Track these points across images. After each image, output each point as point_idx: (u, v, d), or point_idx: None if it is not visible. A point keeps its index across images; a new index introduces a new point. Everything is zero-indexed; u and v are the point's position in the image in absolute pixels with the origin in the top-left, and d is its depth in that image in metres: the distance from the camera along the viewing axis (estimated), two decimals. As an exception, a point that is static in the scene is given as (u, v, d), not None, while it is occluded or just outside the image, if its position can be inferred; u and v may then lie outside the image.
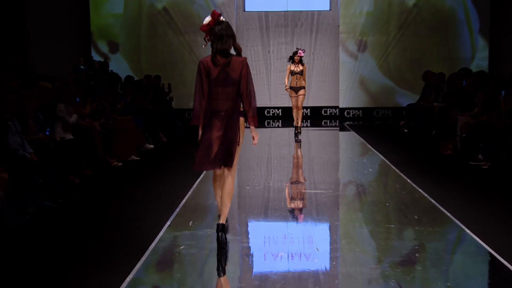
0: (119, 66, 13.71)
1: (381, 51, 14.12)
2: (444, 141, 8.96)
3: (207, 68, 4.23)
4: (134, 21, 14.20)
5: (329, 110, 14.78)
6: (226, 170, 4.29)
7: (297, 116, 10.36)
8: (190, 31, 14.20)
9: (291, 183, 6.89)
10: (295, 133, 10.38)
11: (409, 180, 6.61)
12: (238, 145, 4.29)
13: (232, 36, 4.26)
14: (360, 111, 14.44)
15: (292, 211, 5.60)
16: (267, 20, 14.45)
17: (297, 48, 10.23)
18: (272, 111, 14.84)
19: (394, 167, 7.49)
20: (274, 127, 13.61)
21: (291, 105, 10.72)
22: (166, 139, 10.30)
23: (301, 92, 10.31)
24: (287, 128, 12.55)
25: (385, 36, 14.07)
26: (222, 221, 4.25)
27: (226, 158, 4.26)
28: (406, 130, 11.62)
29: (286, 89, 10.37)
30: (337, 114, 14.61)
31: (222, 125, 4.23)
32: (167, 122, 10.82)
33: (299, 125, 10.38)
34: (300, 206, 5.84)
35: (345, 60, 14.19)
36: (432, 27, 13.93)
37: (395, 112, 14.10)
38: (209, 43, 4.32)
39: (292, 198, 6.13)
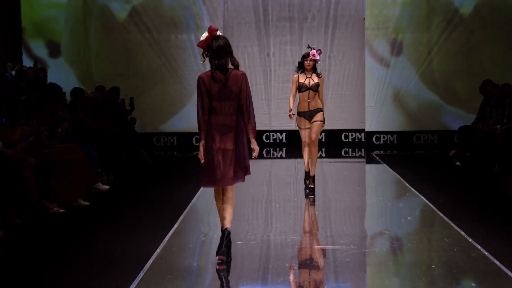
0: (62, 74, 13.80)
1: (423, 55, 14.26)
2: (511, 177, 8.98)
3: (207, 83, 5.66)
4: (83, 14, 14.35)
5: (352, 135, 14.84)
6: (227, 188, 5.81)
7: (310, 158, 8.92)
8: (160, 27, 14.35)
9: (299, 236, 6.85)
10: (305, 184, 9.05)
11: (462, 233, 6.59)
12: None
13: (230, 51, 5.70)
14: (394, 136, 14.49)
15: (300, 275, 5.56)
16: (266, 12, 14.62)
17: (308, 47, 8.82)
18: (273, 135, 14.88)
19: (442, 214, 7.47)
20: (276, 157, 13.60)
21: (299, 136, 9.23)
22: (128, 175, 10.26)
23: (317, 118, 8.76)
24: (293, 160, 12.55)
25: (428, 34, 14.24)
26: (227, 225, 5.78)
27: (235, 177, 5.77)
28: (458, 163, 11.64)
29: (290, 115, 8.66)
30: (363, 140, 14.65)
31: (224, 140, 5.70)
32: (128, 151, 10.82)
33: (312, 173, 8.96)
34: (312, 268, 5.80)
35: (373, 66, 14.31)
36: (493, 24, 14.09)
37: (442, 138, 14.16)
38: (207, 59, 5.69)
39: (301, 258, 6.09)
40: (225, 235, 5.74)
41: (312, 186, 8.88)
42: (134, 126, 12.23)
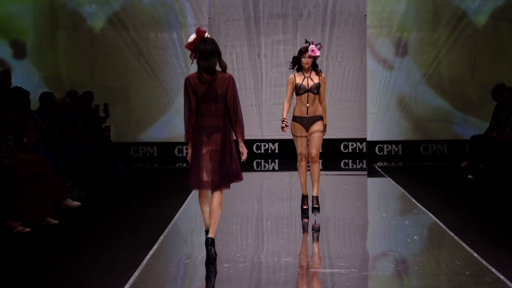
0: (28, 78, 13.75)
1: (431, 56, 14.32)
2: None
3: (194, 85, 6.26)
4: (51, 10, 14.31)
5: (352, 145, 14.86)
6: (215, 191, 6.36)
7: (311, 176, 8.29)
8: (138, 25, 14.34)
9: (294, 258, 6.82)
10: (302, 209, 8.48)
11: (475, 254, 6.58)
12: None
13: (217, 53, 6.27)
14: (399, 146, 14.52)
15: (295, 302, 5.53)
16: (256, 8, 14.65)
17: (306, 41, 8.23)
18: (265, 145, 14.88)
19: (452, 234, 7.47)
20: (268, 170, 13.60)
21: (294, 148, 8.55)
22: (102, 190, 10.22)
23: (316, 128, 8.27)
24: (287, 173, 12.53)
25: (436, 32, 14.29)
26: (211, 234, 6.28)
27: (220, 182, 6.31)
28: (470, 176, 11.66)
29: (283, 127, 8.25)
30: (364, 150, 14.67)
31: (211, 142, 6.29)
32: (102, 163, 10.77)
33: (315, 193, 8.26)
34: (309, 294, 5.75)
35: (376, 68, 14.35)
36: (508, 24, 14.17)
37: (453, 148, 14.20)
38: (195, 60, 6.29)
39: (296, 283, 6.05)
40: (209, 242, 6.25)
41: (317, 206, 8.20)
42: (109, 135, 12.20)
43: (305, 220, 8.26)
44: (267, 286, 5.82)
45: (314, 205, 8.22)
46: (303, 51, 8.15)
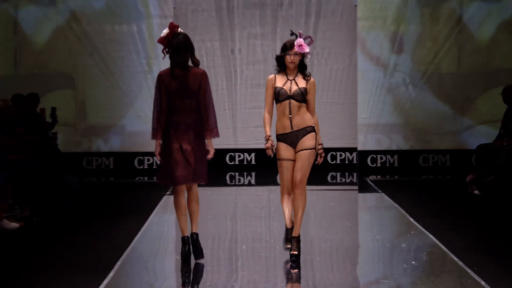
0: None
1: (431, 53, 14.41)
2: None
3: (167, 81, 7.06)
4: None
5: (341, 155, 14.93)
6: (192, 186, 7.27)
7: (293, 208, 7.45)
8: (91, 15, 14.32)
9: (273, 286, 6.82)
10: (291, 255, 7.35)
11: (483, 282, 6.62)
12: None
13: (190, 49, 7.08)
14: (395, 157, 14.61)
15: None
16: (230, -4, 14.69)
17: (292, 34, 7.36)
18: (239, 156, 14.91)
19: (455, 258, 7.51)
20: (243, 184, 13.59)
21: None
22: (49, 208, 10.15)
23: (305, 144, 7.38)
24: (265, 187, 12.54)
25: (437, 26, 14.40)
26: (195, 230, 7.40)
27: (194, 176, 7.18)
28: (477, 191, 11.72)
29: (267, 148, 7.29)
30: (355, 162, 14.73)
31: (183, 138, 7.09)
32: (50, 176, 10.72)
33: (296, 233, 7.40)
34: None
35: (368, 67, 14.45)
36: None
37: (456, 159, 14.29)
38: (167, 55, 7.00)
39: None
40: (195, 239, 7.34)
41: (296, 253, 7.28)
42: (57, 143, 12.16)
43: (290, 263, 7.25)
44: (242, 320, 5.83)
45: (292, 251, 7.29)
46: (287, 47, 7.31)
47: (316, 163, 7.58)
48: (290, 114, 7.28)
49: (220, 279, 6.97)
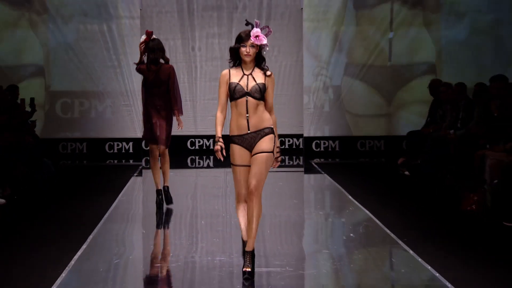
0: None
1: (368, 49, 14.47)
2: (465, 190, 9.14)
3: (146, 73, 8.59)
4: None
5: (289, 141, 14.93)
6: (161, 147, 8.70)
7: (247, 218, 6.05)
8: (64, 15, 14.12)
9: (228, 257, 6.82)
10: (243, 272, 5.91)
11: (411, 252, 6.67)
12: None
13: (162, 49, 8.62)
14: (336, 142, 14.64)
15: (230, 302, 5.47)
16: (190, 0, 14.56)
17: (247, 23, 6.07)
18: (199, 141, 14.84)
19: (388, 231, 7.55)
20: (202, 167, 13.55)
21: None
22: (28, 189, 10.05)
23: (263, 145, 6.02)
24: (222, 169, 12.53)
25: (374, 26, 14.45)
26: (166, 183, 8.85)
27: (161, 138, 8.65)
28: (407, 172, 11.82)
29: (217, 150, 6.11)
30: (301, 147, 14.75)
31: (158, 115, 8.65)
32: (28, 160, 10.59)
33: (250, 247, 5.98)
34: (243, 294, 5.73)
35: (312, 63, 14.45)
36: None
37: (390, 144, 14.39)
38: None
39: (230, 282, 6.07)
40: (166, 190, 8.81)
41: (250, 270, 5.87)
42: (34, 130, 12.01)
43: (243, 281, 5.85)
44: (200, 286, 5.81)
45: (245, 267, 5.89)
46: (243, 38, 5.99)
47: (272, 167, 6.15)
48: (247, 113, 5.98)
49: (182, 250, 6.97)
